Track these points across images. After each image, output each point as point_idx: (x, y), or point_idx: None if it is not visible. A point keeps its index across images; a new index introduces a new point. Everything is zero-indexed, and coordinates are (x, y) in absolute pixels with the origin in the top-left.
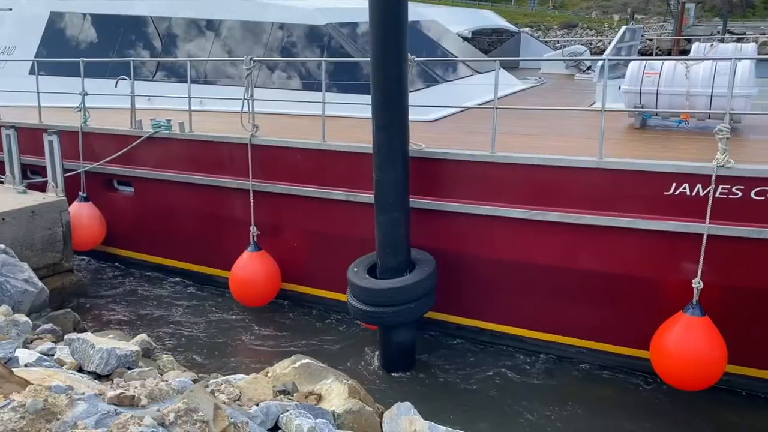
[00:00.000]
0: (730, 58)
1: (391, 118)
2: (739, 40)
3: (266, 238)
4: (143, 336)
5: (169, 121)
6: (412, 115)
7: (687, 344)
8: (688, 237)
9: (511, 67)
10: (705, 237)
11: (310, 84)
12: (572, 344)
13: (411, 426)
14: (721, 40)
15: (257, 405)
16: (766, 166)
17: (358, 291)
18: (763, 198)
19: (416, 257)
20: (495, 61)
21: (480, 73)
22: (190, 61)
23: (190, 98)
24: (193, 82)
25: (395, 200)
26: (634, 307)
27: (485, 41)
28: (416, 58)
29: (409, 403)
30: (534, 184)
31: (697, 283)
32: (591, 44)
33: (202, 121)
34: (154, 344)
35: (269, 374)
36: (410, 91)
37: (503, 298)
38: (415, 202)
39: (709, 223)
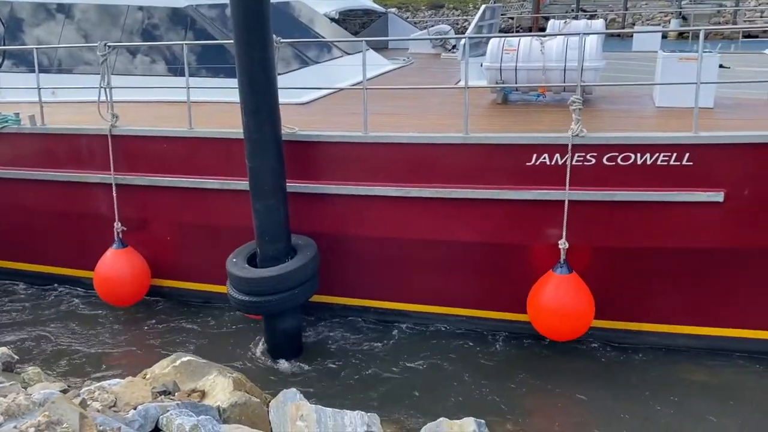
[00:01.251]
0: (578, 34)
1: (260, 102)
2: (591, 18)
3: (134, 234)
4: (3, 349)
5: (17, 114)
6: (283, 98)
7: (558, 299)
8: (551, 203)
9: (380, 48)
10: (566, 202)
11: (175, 69)
12: (455, 314)
13: (297, 411)
14: (575, 18)
15: (135, 409)
16: (615, 134)
17: (238, 282)
18: (613, 163)
19: (297, 243)
20: (362, 41)
21: (349, 54)
22: (36, 48)
23: (40, 89)
24: (45, 71)
25: (271, 186)
26: (510, 272)
27: (357, 23)
28: (282, 40)
29: (294, 390)
30: (407, 162)
31: (563, 244)
32: (458, 24)
33: (56, 113)
34: (16, 357)
35: (147, 376)
36: (279, 74)
37: (386, 276)
38: (292, 186)
39: (569, 189)
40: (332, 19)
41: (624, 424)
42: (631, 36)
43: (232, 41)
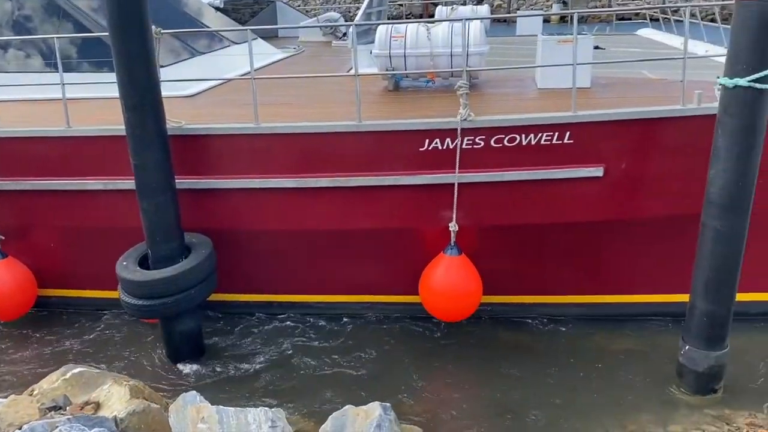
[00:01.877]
0: (461, 20)
1: (142, 96)
2: (478, 3)
3: (14, 243)
4: None
5: None
6: (168, 91)
7: (448, 281)
8: (443, 187)
9: (270, 37)
10: (456, 185)
11: (54, 64)
12: (358, 301)
13: (198, 414)
14: (463, 3)
15: (20, 429)
16: (501, 116)
17: (130, 285)
18: (500, 145)
19: (191, 241)
20: (247, 30)
21: (237, 44)
22: None
23: None
24: None
25: (159, 184)
26: (408, 256)
27: (247, 12)
28: (163, 30)
29: (194, 392)
30: (301, 152)
31: (453, 227)
32: (349, 12)
33: None
34: None
35: (35, 392)
36: (162, 66)
37: (287, 268)
38: (183, 183)
39: (459, 172)
40: (217, 8)
41: (526, 393)
42: (515, 20)
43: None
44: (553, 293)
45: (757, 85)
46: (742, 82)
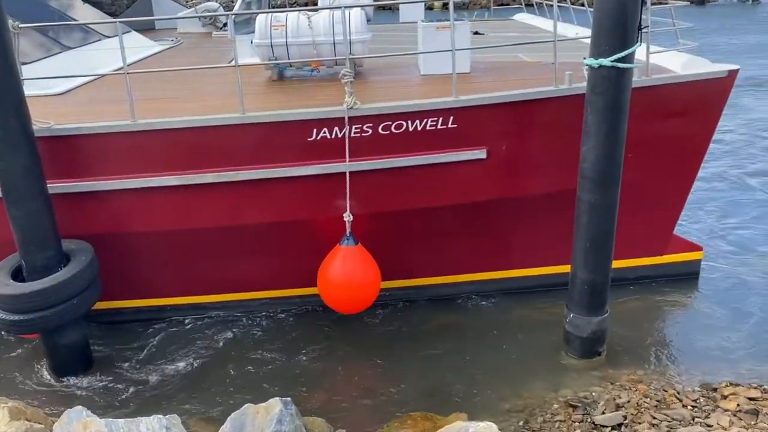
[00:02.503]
0: (341, 7)
1: (1, 96)
2: None
3: None
4: None
5: None
6: (33, 89)
7: (346, 273)
8: (335, 177)
9: (146, 29)
10: (348, 174)
11: None
12: (256, 298)
13: (86, 429)
14: None
15: None
16: (387, 104)
17: (3, 300)
18: (388, 132)
19: (69, 248)
20: (117, 22)
21: (110, 37)
22: None
23: None
24: None
25: (28, 190)
26: (305, 249)
27: (123, 3)
28: (21, 24)
29: (80, 407)
30: (184, 147)
31: (347, 217)
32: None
33: None
34: None
35: None
36: (25, 63)
37: (178, 270)
38: (56, 187)
39: (349, 161)
40: (91, 1)
41: (419, 372)
42: (399, 7)
43: None
44: (448, 273)
45: (620, 65)
46: (606, 62)
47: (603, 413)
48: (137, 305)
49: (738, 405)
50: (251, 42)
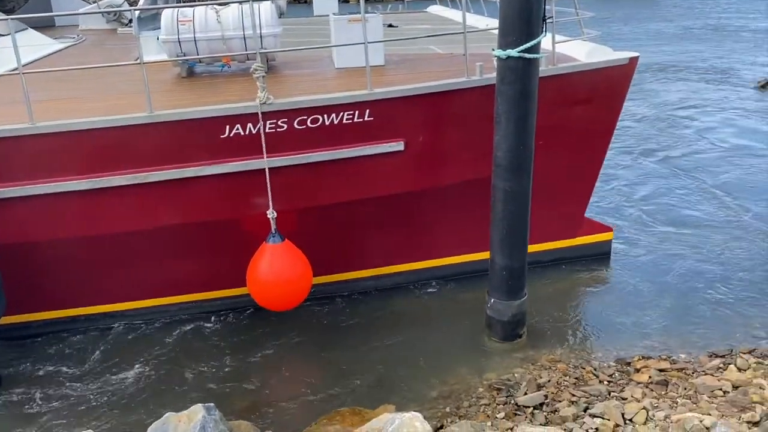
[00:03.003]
0: (249, 0)
1: None
2: None
3: None
4: None
5: None
6: None
7: (274, 270)
8: (253, 174)
9: (45, 27)
10: (267, 171)
11: None
12: (178, 302)
13: None
14: None
15: None
16: (301, 98)
17: None
18: (304, 126)
19: None
20: (8, 20)
21: (3, 35)
22: None
23: None
24: None
25: None
26: (229, 249)
27: (22, 0)
28: None
29: None
30: (90, 150)
31: (271, 214)
32: None
33: None
34: None
35: None
36: None
37: (91, 278)
38: None
39: (267, 157)
40: None
41: (352, 367)
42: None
43: None
44: (373, 266)
45: (527, 55)
46: (514, 52)
47: (525, 394)
48: (48, 317)
49: (650, 377)
50: (158, 38)
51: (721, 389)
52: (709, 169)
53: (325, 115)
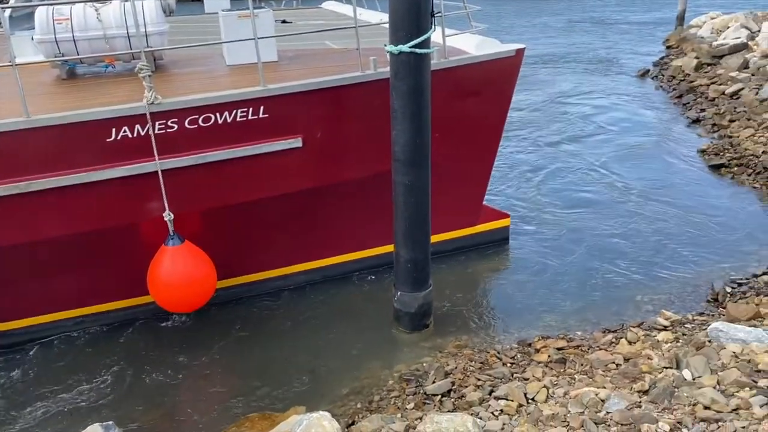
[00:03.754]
0: None
1: None
2: None
3: None
4: None
5: None
6: None
7: (176, 271)
8: (145, 177)
9: None
10: (160, 173)
11: None
12: (70, 317)
13: None
14: None
15: None
16: (190, 97)
17: None
18: (196, 126)
19: None
20: None
21: None
22: None
23: None
24: None
25: None
26: (125, 257)
27: None
28: None
29: None
30: None
31: (167, 216)
32: None
33: None
34: None
35: None
36: None
37: None
38: None
39: (159, 159)
40: None
41: (268, 371)
42: None
43: None
44: (281, 265)
45: (418, 50)
46: (405, 48)
47: (433, 382)
48: None
49: (549, 356)
50: (32, 38)
51: (614, 362)
52: (597, 152)
53: (218, 114)
